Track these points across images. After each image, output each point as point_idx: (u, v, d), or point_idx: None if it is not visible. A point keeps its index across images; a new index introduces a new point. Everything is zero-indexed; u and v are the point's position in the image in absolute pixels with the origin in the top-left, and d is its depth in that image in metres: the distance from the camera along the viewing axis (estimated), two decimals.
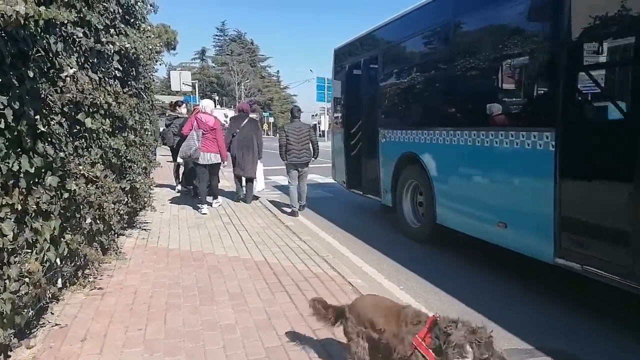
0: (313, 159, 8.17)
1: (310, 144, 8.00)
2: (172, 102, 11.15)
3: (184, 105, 10.70)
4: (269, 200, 9.07)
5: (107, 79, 4.50)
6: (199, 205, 7.75)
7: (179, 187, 9.91)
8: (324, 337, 3.23)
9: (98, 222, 4.25)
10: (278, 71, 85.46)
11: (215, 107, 9.49)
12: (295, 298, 3.99)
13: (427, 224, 6.12)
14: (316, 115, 52.65)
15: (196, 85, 24.93)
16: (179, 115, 9.76)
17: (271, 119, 66.25)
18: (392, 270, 5.14)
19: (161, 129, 10.89)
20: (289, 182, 8.06)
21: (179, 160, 8.85)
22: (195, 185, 8.44)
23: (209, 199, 8.20)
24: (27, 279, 2.80)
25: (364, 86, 8.15)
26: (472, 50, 5.19)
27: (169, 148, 10.42)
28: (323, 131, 39.73)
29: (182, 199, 9.07)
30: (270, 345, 3.14)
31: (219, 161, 7.84)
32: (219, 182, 8.70)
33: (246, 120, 8.57)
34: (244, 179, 8.80)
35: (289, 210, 8.12)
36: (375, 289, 4.33)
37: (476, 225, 5.06)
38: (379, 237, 6.58)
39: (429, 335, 2.15)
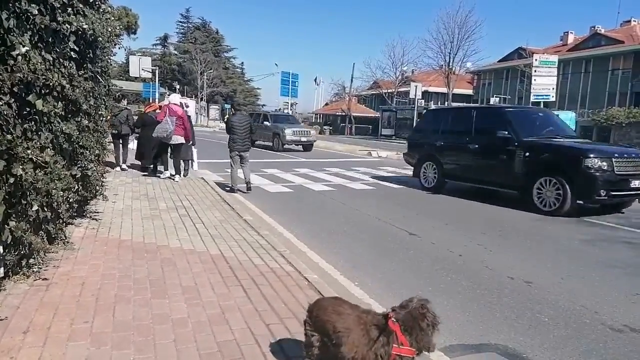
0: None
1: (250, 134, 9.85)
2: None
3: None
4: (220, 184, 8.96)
5: (61, 60, 4.29)
6: (171, 175, 10.31)
7: (124, 165, 11.63)
8: (277, 332, 3.23)
9: (45, 209, 4.05)
10: (242, 63, 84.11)
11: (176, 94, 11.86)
12: (251, 292, 3.96)
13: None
14: (279, 109, 52.41)
15: (156, 72, 24.15)
16: (125, 108, 11.66)
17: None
18: (348, 267, 5.20)
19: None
20: (232, 163, 9.68)
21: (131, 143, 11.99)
22: (155, 163, 10.96)
23: (170, 169, 10.49)
24: None
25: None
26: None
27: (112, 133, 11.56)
28: None
29: (131, 181, 8.84)
30: (222, 339, 3.10)
31: (183, 141, 10.15)
32: (183, 158, 10.74)
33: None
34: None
35: (228, 189, 9.61)
36: (331, 284, 4.37)
37: None
38: (337, 234, 6.64)
39: (403, 337, 2.20)
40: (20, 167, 3.33)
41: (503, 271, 5.18)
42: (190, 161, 11.20)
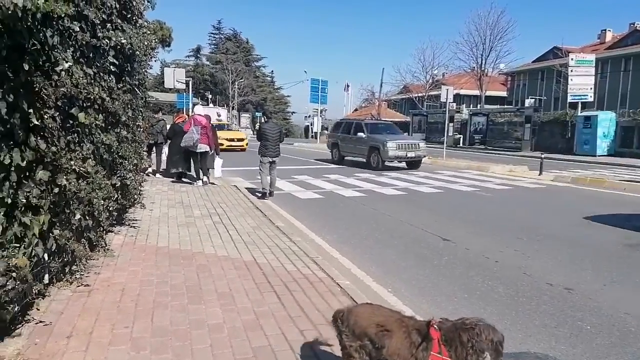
0: None
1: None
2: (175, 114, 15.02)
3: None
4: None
5: (101, 74, 4.48)
6: (194, 181, 11.04)
7: (157, 175, 12.45)
8: (312, 338, 3.25)
9: (87, 218, 4.22)
10: (272, 71, 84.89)
11: (208, 105, 14.35)
12: (284, 299, 3.99)
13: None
14: (309, 116, 52.66)
15: (190, 83, 24.77)
16: (161, 119, 12.91)
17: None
18: (380, 273, 5.17)
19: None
20: (261, 168, 9.99)
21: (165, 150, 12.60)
22: (182, 170, 11.44)
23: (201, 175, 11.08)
24: (14, 274, 2.78)
25: None
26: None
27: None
28: (315, 133, 39.61)
29: (168, 190, 9.06)
30: (257, 345, 3.14)
31: (208, 149, 10.76)
32: (209, 165, 11.40)
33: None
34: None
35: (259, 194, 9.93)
36: (364, 291, 4.36)
37: None
38: (368, 240, 6.61)
39: (442, 346, 2.17)
40: (64, 177, 3.48)
41: (542, 277, 5.03)
42: (214, 169, 11.69)
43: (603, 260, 5.75)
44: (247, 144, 25.96)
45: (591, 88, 27.17)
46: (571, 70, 27.09)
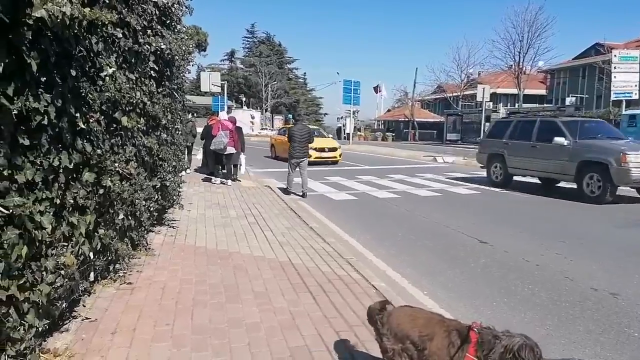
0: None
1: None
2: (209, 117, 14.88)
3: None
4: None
5: (143, 79, 4.62)
6: (223, 180, 11.52)
7: (188, 170, 13.14)
8: (347, 339, 3.24)
9: (130, 218, 4.36)
10: (305, 73, 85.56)
11: (242, 108, 14.90)
12: (319, 299, 4.01)
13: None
14: (341, 117, 52.60)
15: (225, 86, 25.21)
16: (190, 120, 13.74)
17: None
18: (415, 275, 5.11)
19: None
20: (290, 169, 10.50)
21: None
22: (213, 170, 12.11)
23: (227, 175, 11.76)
24: (62, 272, 2.90)
25: None
26: None
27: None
28: (348, 134, 39.55)
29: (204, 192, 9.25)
30: (294, 345, 3.16)
31: (234, 151, 11.52)
32: (232, 166, 12.18)
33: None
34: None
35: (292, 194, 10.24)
36: (400, 293, 4.32)
37: None
38: (403, 242, 6.55)
39: (475, 351, 2.16)
40: (109, 179, 3.61)
41: (585, 282, 4.85)
42: (239, 165, 12.74)
43: None
44: (341, 155, 19.19)
45: (635, 85, 26.02)
46: (614, 67, 26.04)
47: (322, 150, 18.24)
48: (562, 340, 3.59)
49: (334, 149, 18.89)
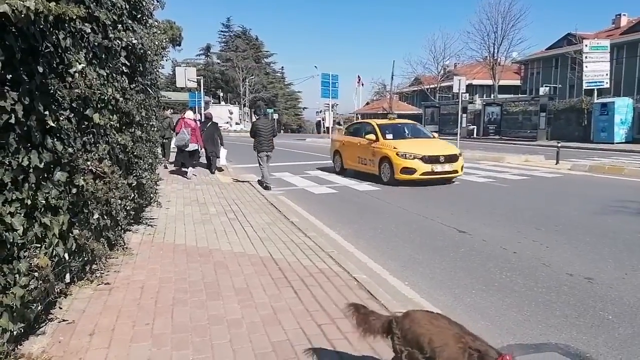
0: None
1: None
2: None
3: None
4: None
5: (114, 75, 4.52)
6: (187, 173, 11.93)
7: (166, 164, 13.77)
8: (329, 332, 3.25)
9: (105, 217, 4.28)
10: (282, 67, 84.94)
11: (220, 103, 14.55)
12: (301, 293, 4.01)
13: None
14: (321, 111, 52.57)
15: (201, 81, 24.92)
16: (168, 116, 14.62)
17: (276, 116, 65.99)
18: (397, 266, 5.15)
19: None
20: (260, 163, 10.65)
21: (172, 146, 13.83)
22: (183, 163, 12.59)
23: (191, 169, 12.11)
24: (36, 274, 2.82)
25: None
26: None
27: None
28: (327, 128, 39.53)
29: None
30: (276, 339, 3.16)
31: (197, 148, 12.05)
32: (196, 160, 12.60)
33: (209, 123, 13.29)
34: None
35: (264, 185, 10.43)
36: (381, 284, 4.35)
37: None
38: (384, 234, 6.59)
39: None
40: (82, 178, 3.53)
41: (561, 268, 4.96)
42: (216, 158, 13.36)
43: (624, 249, 5.64)
44: (462, 167, 11.55)
45: (607, 74, 26.66)
46: (586, 57, 26.60)
47: (435, 160, 10.92)
48: (539, 325, 3.66)
49: (453, 159, 11.20)
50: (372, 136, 11.99)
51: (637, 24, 40.09)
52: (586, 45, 26.95)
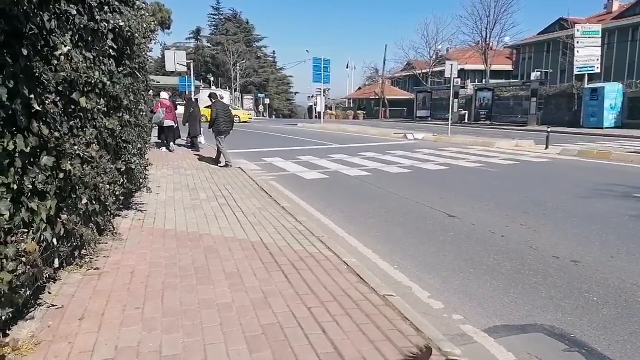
0: None
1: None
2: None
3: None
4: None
5: (101, 58, 4.44)
6: (170, 147, 14.35)
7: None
8: (319, 315, 3.29)
9: (94, 202, 4.24)
10: (274, 51, 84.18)
11: (210, 87, 16.04)
12: (291, 277, 4.03)
13: None
14: (312, 96, 52.29)
15: (191, 65, 24.57)
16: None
17: (267, 100, 65.53)
18: (387, 250, 5.19)
19: None
20: (220, 143, 11.18)
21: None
22: (167, 139, 14.64)
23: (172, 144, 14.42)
24: (23, 259, 2.81)
25: None
26: None
27: None
28: (319, 112, 39.36)
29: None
30: (266, 322, 3.19)
31: (173, 124, 14.44)
32: (175, 137, 15.39)
33: (195, 105, 15.49)
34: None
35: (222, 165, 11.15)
36: (371, 268, 4.39)
37: None
38: (374, 218, 6.63)
39: None
40: (69, 162, 3.49)
41: (548, 251, 5.04)
42: (198, 137, 15.25)
43: (610, 232, 5.74)
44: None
45: (597, 59, 26.76)
46: (577, 42, 26.66)
47: None
48: (525, 306, 3.73)
49: None
50: None
51: (628, 8, 40.15)
52: (577, 30, 26.97)
